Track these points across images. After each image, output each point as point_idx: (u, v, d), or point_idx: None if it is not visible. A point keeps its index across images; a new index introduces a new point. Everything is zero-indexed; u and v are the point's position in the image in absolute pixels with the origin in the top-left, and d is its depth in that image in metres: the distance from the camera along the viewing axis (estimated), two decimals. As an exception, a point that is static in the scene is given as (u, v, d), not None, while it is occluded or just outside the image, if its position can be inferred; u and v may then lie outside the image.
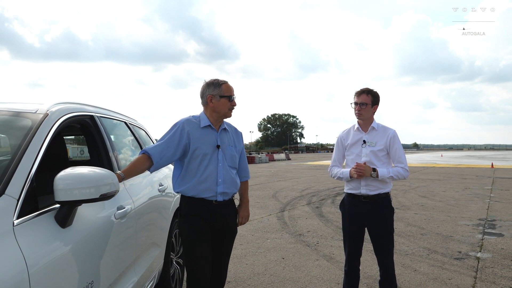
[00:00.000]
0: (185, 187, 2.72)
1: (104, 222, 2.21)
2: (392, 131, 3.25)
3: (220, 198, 2.76)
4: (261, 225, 7.38)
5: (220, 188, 2.75)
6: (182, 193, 2.76)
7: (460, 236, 6.45)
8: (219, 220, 2.78)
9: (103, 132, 2.71)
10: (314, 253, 5.46)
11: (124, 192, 2.63)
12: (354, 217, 3.25)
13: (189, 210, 2.74)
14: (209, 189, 2.72)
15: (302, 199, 10.99)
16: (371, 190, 3.18)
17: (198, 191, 2.71)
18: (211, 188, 2.72)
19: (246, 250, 5.63)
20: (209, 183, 2.72)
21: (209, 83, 2.81)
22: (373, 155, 3.19)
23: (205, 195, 2.72)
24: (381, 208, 3.20)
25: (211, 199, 2.74)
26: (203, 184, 2.71)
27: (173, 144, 2.68)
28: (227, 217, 2.84)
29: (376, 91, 3.25)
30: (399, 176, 3.17)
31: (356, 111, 3.20)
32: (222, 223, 2.80)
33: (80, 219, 1.94)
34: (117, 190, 1.93)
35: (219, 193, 2.74)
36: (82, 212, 1.97)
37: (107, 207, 2.27)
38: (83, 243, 1.94)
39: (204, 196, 2.72)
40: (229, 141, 2.87)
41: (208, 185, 2.71)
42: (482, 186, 14.47)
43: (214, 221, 2.76)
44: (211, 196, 2.73)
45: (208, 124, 2.78)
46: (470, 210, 8.99)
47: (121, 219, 2.40)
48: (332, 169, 3.40)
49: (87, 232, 2.00)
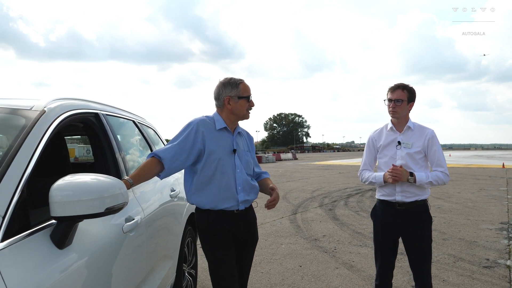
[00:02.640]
0: (202, 199, 2.44)
1: (111, 238, 1.90)
2: (430, 131, 2.91)
3: (242, 206, 2.49)
4: (274, 228, 7.06)
5: (241, 196, 2.47)
6: (199, 205, 2.47)
7: (485, 242, 6.10)
8: (243, 228, 2.53)
9: (109, 131, 2.40)
10: (333, 260, 5.13)
11: (133, 200, 2.32)
12: (387, 226, 2.92)
13: (209, 224, 2.46)
14: (230, 198, 2.44)
15: (314, 200, 10.65)
16: (408, 197, 2.85)
17: (217, 202, 2.42)
18: (232, 197, 2.44)
19: (260, 256, 5.31)
20: (229, 192, 2.44)
21: (225, 83, 2.51)
22: (409, 157, 2.86)
23: (225, 205, 2.43)
24: (419, 217, 2.87)
25: (232, 210, 2.45)
26: (222, 193, 2.42)
27: (187, 147, 2.38)
28: (249, 224, 2.59)
29: (412, 86, 2.92)
30: (439, 181, 2.84)
31: (390, 108, 2.87)
32: (245, 230, 2.56)
33: (81, 236, 1.63)
34: (126, 202, 1.62)
35: (240, 202, 2.47)
36: (84, 228, 1.66)
37: (114, 220, 1.96)
38: (86, 265, 1.62)
39: (224, 207, 2.43)
40: (244, 145, 2.62)
41: (228, 194, 2.43)
42: (497, 187, 14.05)
43: (237, 230, 2.50)
44: (232, 206, 2.45)
45: (224, 126, 2.50)
46: (490, 213, 8.62)
47: (130, 232, 2.09)
48: (362, 173, 3.07)
49: (91, 252, 1.68)
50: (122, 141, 2.74)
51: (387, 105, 2.90)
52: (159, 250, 2.65)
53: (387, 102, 2.90)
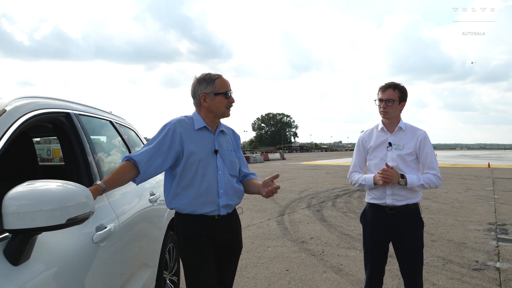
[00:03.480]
0: (181, 203, 2.28)
1: (78, 250, 1.72)
2: (422, 132, 2.80)
3: (224, 211, 2.32)
4: (260, 231, 6.92)
5: (223, 200, 2.31)
6: (177, 210, 2.31)
7: (474, 243, 6.04)
8: (224, 237, 2.36)
9: (81, 132, 2.23)
10: (321, 264, 5.01)
11: (106, 207, 2.15)
12: (378, 231, 2.80)
13: (188, 230, 2.30)
14: (210, 202, 2.28)
15: (301, 201, 10.53)
16: (398, 200, 2.73)
17: (196, 207, 2.26)
18: (212, 201, 2.28)
19: (246, 260, 5.16)
20: (210, 195, 2.27)
21: (201, 79, 2.36)
22: (401, 159, 2.74)
23: (205, 210, 2.27)
24: (410, 221, 2.76)
25: (212, 214, 2.29)
26: (202, 197, 2.26)
27: (164, 149, 2.22)
28: (232, 231, 2.42)
29: (403, 85, 2.80)
30: (431, 184, 2.72)
31: (381, 108, 2.75)
32: (228, 237, 2.38)
33: (41, 250, 1.46)
34: (92, 211, 1.46)
35: (222, 206, 2.31)
36: (45, 240, 1.49)
37: (82, 229, 1.79)
38: (46, 282, 1.45)
39: (204, 212, 2.27)
40: (228, 144, 2.45)
41: (208, 198, 2.27)
42: (483, 187, 14.11)
43: (218, 238, 2.33)
44: (213, 211, 2.29)
45: (203, 126, 2.34)
46: (478, 214, 8.60)
47: (101, 242, 1.92)
48: (352, 175, 2.94)
49: (53, 267, 1.51)
50: (97, 142, 2.57)
51: (377, 105, 2.78)
52: (136, 259, 2.49)
53: (377, 102, 2.78)
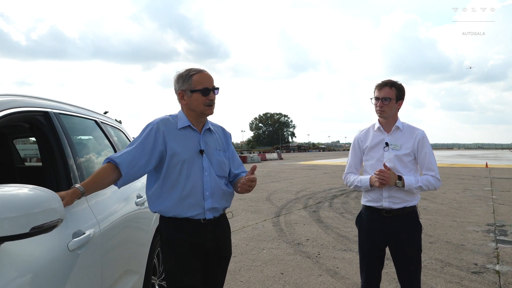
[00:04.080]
0: (164, 206, 2.16)
1: (50, 259, 1.60)
2: (420, 131, 2.68)
3: (210, 215, 2.20)
4: (256, 232, 6.80)
5: (209, 203, 2.18)
6: (161, 213, 2.19)
7: (472, 245, 5.93)
8: (210, 242, 2.23)
9: (60, 132, 2.11)
10: (316, 266, 4.89)
11: (86, 211, 2.03)
12: (373, 235, 2.68)
13: (171, 234, 2.18)
14: (195, 205, 2.16)
15: (298, 202, 10.42)
16: (395, 203, 2.61)
17: (180, 210, 2.14)
18: (197, 204, 2.16)
19: (240, 263, 5.04)
20: (194, 197, 2.15)
21: (178, 76, 2.24)
22: (398, 160, 2.63)
23: (190, 213, 2.15)
24: (407, 225, 2.65)
25: (198, 218, 2.17)
26: (186, 200, 2.14)
27: (147, 149, 2.11)
28: (220, 236, 2.29)
29: (400, 83, 2.68)
30: (430, 186, 2.61)
31: (377, 107, 2.63)
32: (215, 243, 2.25)
33: (6, 261, 1.34)
34: (61, 219, 1.34)
35: (207, 210, 2.18)
36: (10, 249, 1.37)
37: (55, 236, 1.66)
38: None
39: (189, 215, 2.15)
40: (216, 144, 2.31)
41: (193, 201, 2.15)
42: (481, 187, 14.03)
43: (204, 244, 2.20)
44: (198, 214, 2.16)
45: (187, 125, 2.21)
46: (476, 214, 8.50)
47: (78, 249, 1.79)
48: (347, 176, 2.82)
49: (18, 281, 1.39)
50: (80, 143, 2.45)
51: (374, 103, 2.67)
52: (120, 265, 2.37)
53: (373, 100, 2.66)
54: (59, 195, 1.78)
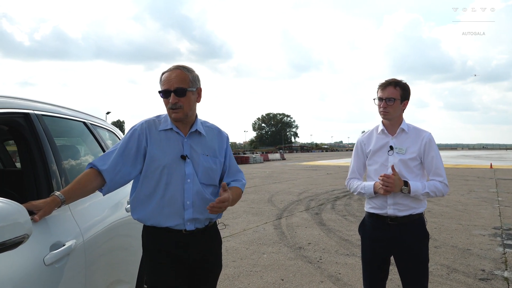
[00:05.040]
0: (144, 213, 2.01)
1: (21, 276, 1.45)
2: (427, 134, 2.53)
3: (191, 226, 2.03)
4: (256, 235, 6.65)
5: (189, 213, 2.01)
6: (141, 221, 2.05)
7: (479, 250, 5.77)
8: (194, 255, 2.05)
9: (42, 135, 1.97)
10: (318, 272, 4.74)
11: (68, 220, 1.89)
12: (377, 243, 2.53)
13: (151, 244, 2.03)
14: (174, 215, 2.00)
15: (300, 203, 10.27)
16: (401, 210, 2.46)
17: (160, 218, 1.99)
18: (177, 213, 2.00)
19: (239, 268, 4.89)
20: (174, 207, 2.00)
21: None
22: (403, 165, 2.47)
23: (169, 223, 2.00)
24: (413, 233, 2.49)
25: (178, 229, 2.01)
26: (166, 209, 1.99)
27: (131, 153, 1.97)
28: (206, 249, 2.10)
29: (405, 82, 2.53)
30: (437, 192, 2.46)
31: (381, 108, 2.48)
32: (200, 256, 2.07)
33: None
34: (27, 234, 1.20)
35: (187, 220, 2.01)
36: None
37: (29, 250, 1.52)
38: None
39: (169, 225, 2.00)
40: (204, 148, 2.11)
41: (173, 210, 1.99)
42: (486, 188, 13.83)
43: (186, 256, 2.03)
44: (178, 225, 2.01)
45: (169, 128, 2.05)
46: (482, 217, 8.32)
47: (56, 263, 1.65)
48: (350, 182, 2.67)
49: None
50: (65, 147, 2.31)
51: (377, 104, 2.52)
52: (108, 276, 2.23)
53: (377, 101, 2.51)
54: (36, 204, 1.65)
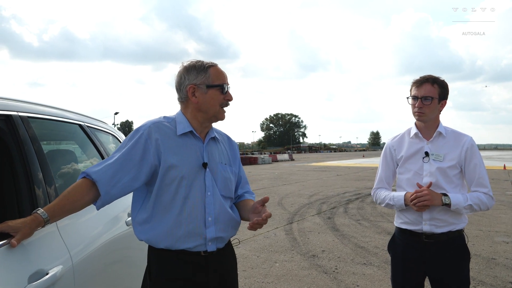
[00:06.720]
0: (154, 234, 1.70)
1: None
2: (468, 138, 2.21)
3: (212, 247, 1.75)
4: (267, 242, 6.35)
5: (211, 231, 1.73)
6: (150, 243, 1.74)
7: (504, 259, 5.41)
8: (214, 278, 1.77)
9: (27, 140, 1.69)
10: (334, 284, 4.43)
11: (54, 239, 1.61)
12: (411, 264, 2.22)
13: (163, 272, 1.72)
14: (194, 234, 1.70)
15: (311, 207, 9.95)
16: (438, 227, 2.15)
17: (175, 239, 1.69)
18: (197, 232, 1.71)
19: (251, 279, 4.60)
20: (193, 224, 1.70)
21: (189, 66, 1.79)
22: (441, 174, 2.16)
23: (187, 244, 1.70)
24: (452, 253, 2.17)
25: (197, 250, 1.72)
26: (183, 227, 1.69)
27: (134, 162, 1.66)
28: (224, 271, 1.82)
29: (443, 79, 2.22)
30: (481, 206, 2.14)
31: (415, 108, 2.17)
32: (218, 280, 1.79)
33: None
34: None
35: (209, 240, 1.73)
36: None
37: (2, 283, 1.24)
38: None
39: (186, 247, 1.70)
40: (221, 156, 1.85)
41: (192, 228, 1.70)
42: (503, 191, 13.39)
43: (206, 281, 1.74)
44: (197, 246, 1.71)
45: (189, 130, 1.77)
46: (503, 222, 7.95)
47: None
48: (377, 192, 2.36)
49: None
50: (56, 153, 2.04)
51: (411, 104, 2.21)
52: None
53: (411, 100, 2.20)
54: (13, 225, 1.37)
